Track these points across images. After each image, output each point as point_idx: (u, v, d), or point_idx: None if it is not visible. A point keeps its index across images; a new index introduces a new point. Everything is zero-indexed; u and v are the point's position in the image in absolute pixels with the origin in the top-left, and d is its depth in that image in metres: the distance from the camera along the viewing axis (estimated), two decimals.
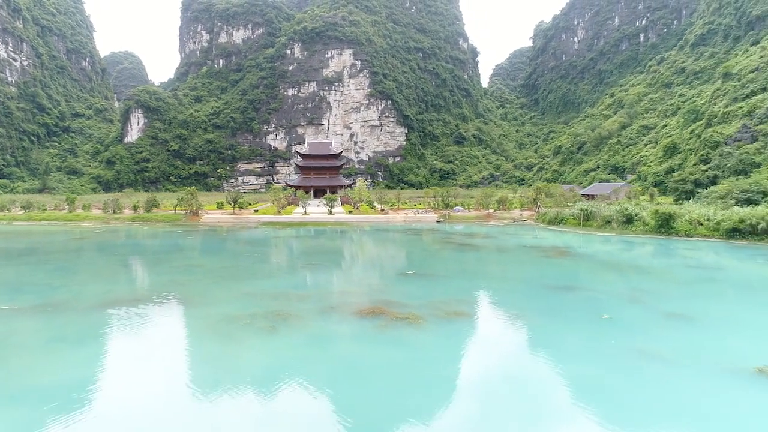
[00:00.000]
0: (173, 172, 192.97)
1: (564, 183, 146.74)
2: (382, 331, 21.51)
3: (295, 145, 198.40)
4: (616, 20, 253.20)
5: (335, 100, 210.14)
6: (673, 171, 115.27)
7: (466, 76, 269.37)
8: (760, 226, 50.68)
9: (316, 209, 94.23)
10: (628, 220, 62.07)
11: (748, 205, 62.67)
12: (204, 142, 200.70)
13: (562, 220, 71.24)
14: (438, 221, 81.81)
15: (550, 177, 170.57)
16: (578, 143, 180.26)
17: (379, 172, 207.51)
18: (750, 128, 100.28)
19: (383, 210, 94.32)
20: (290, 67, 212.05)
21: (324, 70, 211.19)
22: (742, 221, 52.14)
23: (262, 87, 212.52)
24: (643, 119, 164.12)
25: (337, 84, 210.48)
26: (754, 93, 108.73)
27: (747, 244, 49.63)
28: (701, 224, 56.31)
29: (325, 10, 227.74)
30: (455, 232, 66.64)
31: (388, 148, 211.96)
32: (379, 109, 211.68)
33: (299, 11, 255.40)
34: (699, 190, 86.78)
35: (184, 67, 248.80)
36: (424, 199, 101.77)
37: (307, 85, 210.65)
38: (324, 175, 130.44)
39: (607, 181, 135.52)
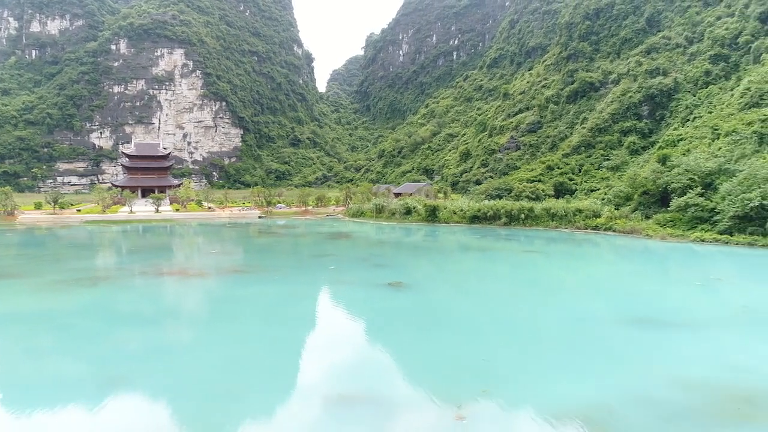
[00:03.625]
0: None
1: (385, 183, 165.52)
2: (177, 280, 31.95)
3: (122, 144, 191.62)
4: (434, 38, 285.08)
5: (166, 100, 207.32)
6: (466, 173, 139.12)
7: (301, 81, 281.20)
8: (489, 214, 69.72)
9: (143, 208, 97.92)
10: (408, 212, 78.66)
11: (497, 199, 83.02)
12: (14, 140, 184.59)
13: (362, 213, 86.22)
14: (260, 217, 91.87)
15: (374, 178, 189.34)
16: (398, 148, 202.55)
17: (214, 173, 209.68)
18: (516, 139, 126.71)
19: (210, 208, 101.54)
20: (116, 63, 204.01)
21: (153, 68, 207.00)
22: (479, 211, 70.92)
23: (84, 82, 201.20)
24: (449, 128, 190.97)
25: (168, 83, 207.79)
26: (521, 111, 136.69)
27: (481, 227, 68.04)
28: (455, 213, 74.49)
29: (154, 7, 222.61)
30: (272, 225, 77.51)
31: (223, 149, 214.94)
32: (213, 110, 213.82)
33: (125, 5, 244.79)
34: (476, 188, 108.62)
35: None
36: (251, 198, 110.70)
37: (135, 82, 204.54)
38: (152, 175, 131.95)
39: (418, 181, 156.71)
